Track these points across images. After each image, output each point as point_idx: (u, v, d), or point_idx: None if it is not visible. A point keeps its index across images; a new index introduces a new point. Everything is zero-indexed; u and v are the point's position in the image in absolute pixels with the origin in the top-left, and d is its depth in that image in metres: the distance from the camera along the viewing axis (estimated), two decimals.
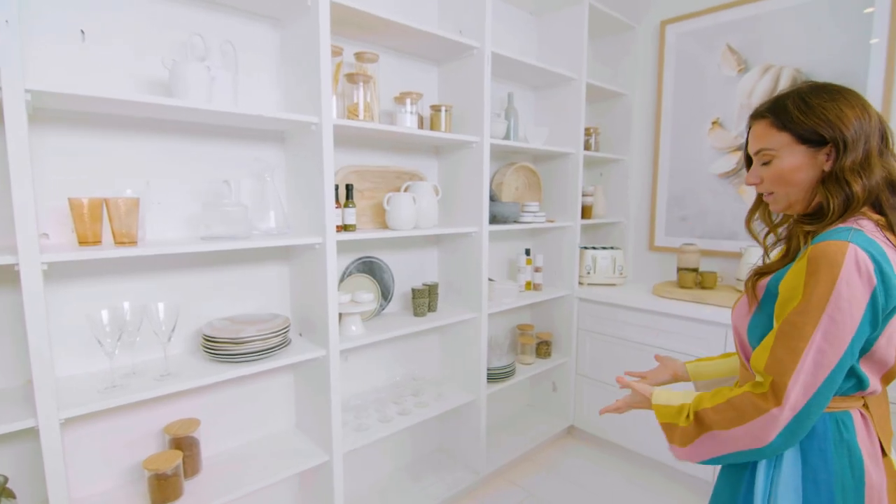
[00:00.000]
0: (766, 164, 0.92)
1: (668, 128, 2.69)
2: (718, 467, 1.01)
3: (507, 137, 2.25)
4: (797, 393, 0.77)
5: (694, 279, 2.37)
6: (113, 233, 1.25)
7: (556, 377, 2.67)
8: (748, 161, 0.99)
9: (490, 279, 2.30)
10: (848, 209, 0.84)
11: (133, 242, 1.27)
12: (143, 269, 1.46)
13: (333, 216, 1.56)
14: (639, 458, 2.40)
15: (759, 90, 2.34)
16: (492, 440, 2.41)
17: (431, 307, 2.05)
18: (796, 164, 0.89)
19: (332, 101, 1.54)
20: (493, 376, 2.22)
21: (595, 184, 2.93)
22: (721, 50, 2.45)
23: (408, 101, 1.82)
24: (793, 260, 0.88)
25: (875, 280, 0.76)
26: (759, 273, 0.93)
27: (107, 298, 1.39)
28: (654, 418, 0.95)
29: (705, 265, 2.52)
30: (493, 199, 2.22)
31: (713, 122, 2.52)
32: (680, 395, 0.95)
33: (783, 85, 2.26)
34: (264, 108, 1.41)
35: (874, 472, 0.84)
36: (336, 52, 1.68)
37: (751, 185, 0.97)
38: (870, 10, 2.05)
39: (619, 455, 2.48)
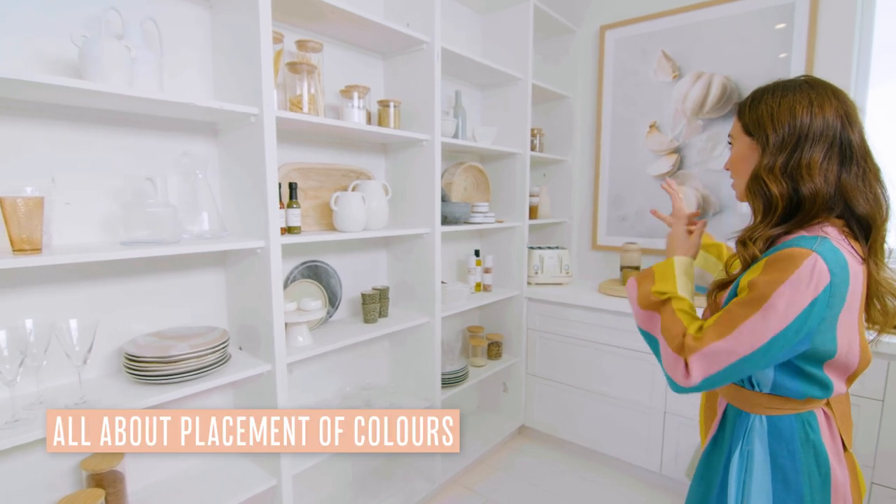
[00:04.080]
0: (732, 149, 0.97)
1: (608, 130, 2.77)
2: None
3: (455, 136, 2.20)
4: (701, 366, 0.82)
5: None
6: (10, 238, 1.05)
7: (506, 378, 2.66)
8: None
9: (441, 281, 2.24)
10: (786, 211, 0.85)
11: (36, 249, 1.08)
12: (49, 281, 1.25)
13: (277, 217, 1.42)
14: (589, 454, 2.44)
15: (692, 96, 2.46)
16: None
17: (383, 312, 1.95)
18: (742, 153, 0.93)
19: (273, 91, 1.41)
20: (447, 381, 2.16)
21: (539, 184, 2.96)
22: (657, 56, 2.55)
23: (355, 94, 1.72)
24: (750, 264, 0.86)
25: (820, 291, 0.76)
26: (719, 286, 0.95)
27: (4, 316, 1.18)
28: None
29: (646, 263, 2.61)
30: (442, 199, 2.16)
31: (650, 126, 2.61)
32: (680, 281, 0.96)
33: (714, 92, 2.39)
34: (195, 96, 1.25)
35: (839, 470, 0.88)
36: (276, 38, 1.54)
37: (726, 169, 1.00)
38: (780, 25, 2.21)
39: (570, 452, 2.51)
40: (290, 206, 1.59)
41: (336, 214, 1.70)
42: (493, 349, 2.53)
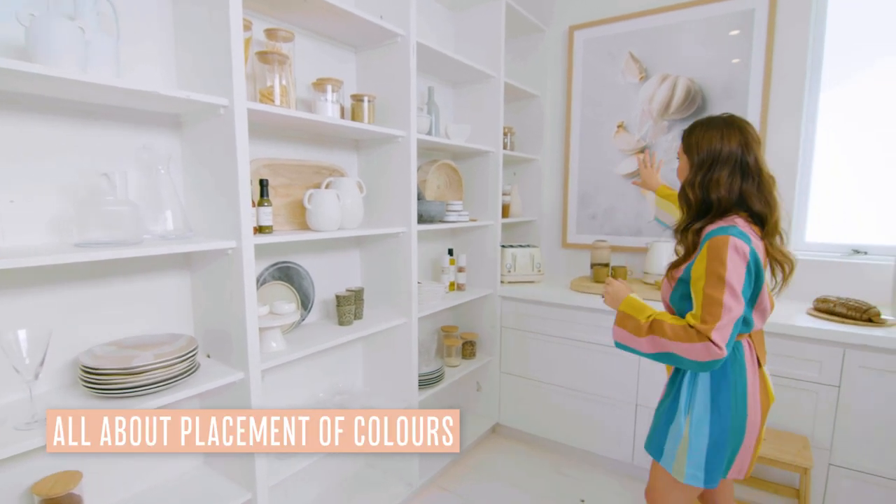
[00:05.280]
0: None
1: (577, 129, 2.80)
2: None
3: (429, 133, 2.16)
4: (720, 336, 1.10)
5: (606, 273, 2.48)
6: None
7: (480, 377, 2.64)
8: None
9: (417, 282, 2.20)
10: (701, 211, 1.24)
11: None
12: None
13: (250, 216, 1.34)
14: (563, 449, 2.47)
15: (658, 97, 2.53)
16: None
17: (358, 314, 1.89)
18: (682, 167, 1.32)
19: (244, 82, 1.32)
20: (424, 382, 2.12)
21: (511, 183, 2.96)
22: (624, 58, 2.60)
23: (329, 88, 1.65)
24: (693, 252, 1.22)
25: (749, 257, 1.13)
26: (673, 265, 1.29)
27: None
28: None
29: (615, 260, 2.66)
30: (418, 197, 2.11)
31: (618, 126, 2.66)
32: (647, 306, 1.28)
33: (680, 93, 2.45)
34: (158, 84, 1.15)
35: (753, 381, 1.25)
36: (245, 25, 1.46)
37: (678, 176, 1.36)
38: (734, 32, 2.30)
39: (545, 448, 2.52)
40: (261, 204, 1.51)
41: (310, 213, 1.63)
42: (468, 348, 2.51)
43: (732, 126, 1.23)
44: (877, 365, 1.71)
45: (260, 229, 1.51)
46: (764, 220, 1.22)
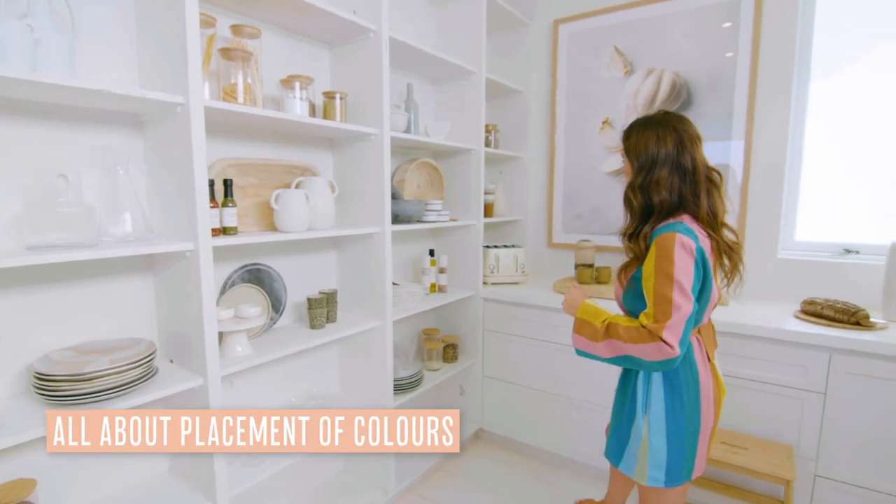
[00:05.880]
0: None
1: (562, 126, 2.76)
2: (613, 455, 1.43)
3: (407, 131, 2.12)
4: (672, 335, 1.11)
5: (591, 275, 2.44)
6: None
7: (463, 380, 2.60)
8: None
9: (394, 283, 2.16)
10: (644, 215, 1.26)
11: None
12: None
13: (207, 217, 1.30)
14: (548, 456, 2.42)
15: (643, 92, 2.48)
16: (400, 454, 2.28)
17: (330, 317, 1.85)
18: (626, 169, 1.32)
19: (201, 78, 1.28)
20: (401, 387, 2.09)
21: (495, 182, 2.92)
22: (609, 52, 2.56)
23: (296, 84, 1.61)
24: (642, 257, 1.23)
25: (696, 253, 1.15)
26: (624, 267, 1.32)
27: None
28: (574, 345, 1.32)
29: (600, 260, 2.62)
30: (394, 197, 2.08)
31: (603, 122, 2.62)
32: (601, 310, 1.29)
33: (665, 87, 2.41)
34: (115, 83, 1.12)
35: (705, 375, 1.26)
36: (208, 22, 1.42)
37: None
38: (727, 24, 2.25)
39: (527, 455, 2.48)
40: (224, 204, 1.47)
41: (277, 213, 1.59)
42: (449, 351, 2.47)
43: (667, 126, 1.23)
44: (864, 371, 1.65)
45: (223, 230, 1.47)
46: (708, 219, 1.24)
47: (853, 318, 1.77)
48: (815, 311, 1.89)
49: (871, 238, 2.11)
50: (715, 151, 2.29)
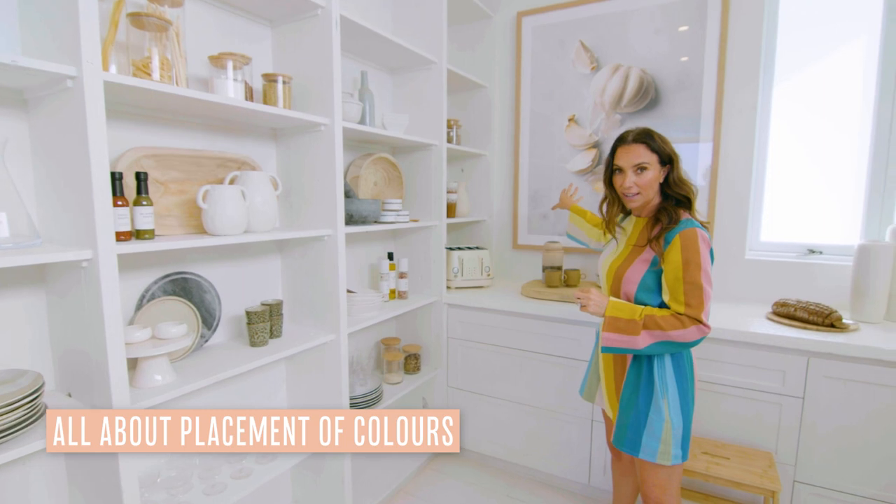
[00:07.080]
0: (639, 174, 1.37)
1: (527, 123, 2.62)
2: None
3: (362, 122, 1.91)
4: (706, 316, 1.27)
5: (559, 277, 2.31)
6: None
7: (426, 393, 2.41)
8: (612, 172, 1.45)
9: (349, 290, 1.94)
10: (683, 203, 1.39)
11: None
12: None
13: (110, 218, 1.05)
14: (517, 470, 2.28)
15: (610, 89, 2.37)
16: (359, 479, 2.06)
17: (275, 332, 1.62)
18: (657, 175, 1.38)
19: (99, 45, 1.03)
20: (358, 405, 1.87)
21: (458, 180, 2.74)
22: (575, 47, 2.44)
23: (229, 63, 1.37)
24: (663, 232, 1.33)
25: (710, 245, 1.32)
26: (653, 238, 1.36)
27: None
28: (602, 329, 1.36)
29: (568, 262, 2.50)
30: (348, 195, 1.86)
31: (569, 119, 2.50)
32: (631, 306, 1.36)
33: (632, 85, 2.31)
34: None
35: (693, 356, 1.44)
36: None
37: (627, 189, 1.40)
38: (683, 28, 2.18)
39: (496, 469, 2.32)
40: (137, 202, 1.21)
41: (206, 213, 1.34)
42: (411, 362, 2.27)
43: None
44: (842, 374, 1.59)
45: (137, 234, 1.22)
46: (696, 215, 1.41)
47: (827, 319, 1.72)
48: (788, 313, 1.83)
49: (835, 238, 2.09)
50: (685, 153, 2.21)
